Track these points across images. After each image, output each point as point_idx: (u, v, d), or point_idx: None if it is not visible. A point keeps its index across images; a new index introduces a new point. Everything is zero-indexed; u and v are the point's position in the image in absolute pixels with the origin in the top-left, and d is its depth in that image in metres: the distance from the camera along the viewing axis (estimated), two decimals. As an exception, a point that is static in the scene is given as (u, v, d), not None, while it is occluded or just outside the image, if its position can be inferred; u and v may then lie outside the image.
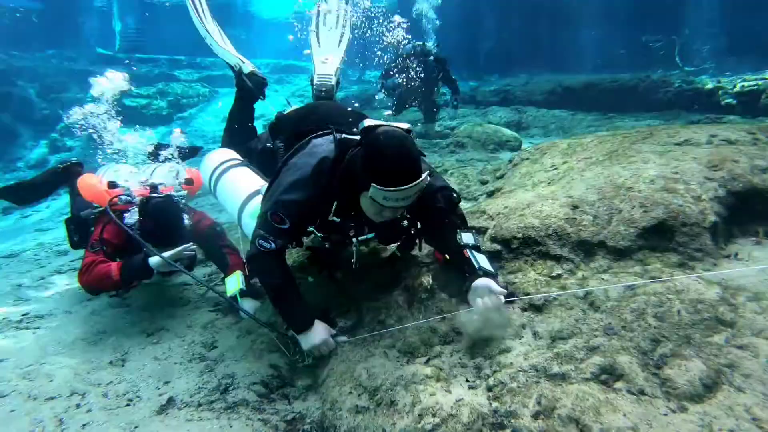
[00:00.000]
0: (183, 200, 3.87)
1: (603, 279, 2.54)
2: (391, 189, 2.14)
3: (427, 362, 2.37)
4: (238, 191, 3.25)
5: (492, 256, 2.93)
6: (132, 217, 3.59)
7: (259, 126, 4.67)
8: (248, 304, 3.59)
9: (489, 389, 2.08)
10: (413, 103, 9.40)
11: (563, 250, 2.79)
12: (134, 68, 18.43)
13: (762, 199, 2.93)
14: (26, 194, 5.08)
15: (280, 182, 2.55)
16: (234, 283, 3.75)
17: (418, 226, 2.82)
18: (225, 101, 18.67)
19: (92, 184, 3.94)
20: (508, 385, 2.03)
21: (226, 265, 4.04)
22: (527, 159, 4.26)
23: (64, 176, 4.75)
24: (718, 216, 2.79)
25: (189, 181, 4.08)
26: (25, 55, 17.31)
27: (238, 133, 4.18)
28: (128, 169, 4.17)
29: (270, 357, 2.93)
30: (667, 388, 1.86)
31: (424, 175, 2.19)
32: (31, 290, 4.94)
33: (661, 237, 2.71)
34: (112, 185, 3.60)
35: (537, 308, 2.48)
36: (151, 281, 4.74)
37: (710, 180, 2.92)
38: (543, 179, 3.63)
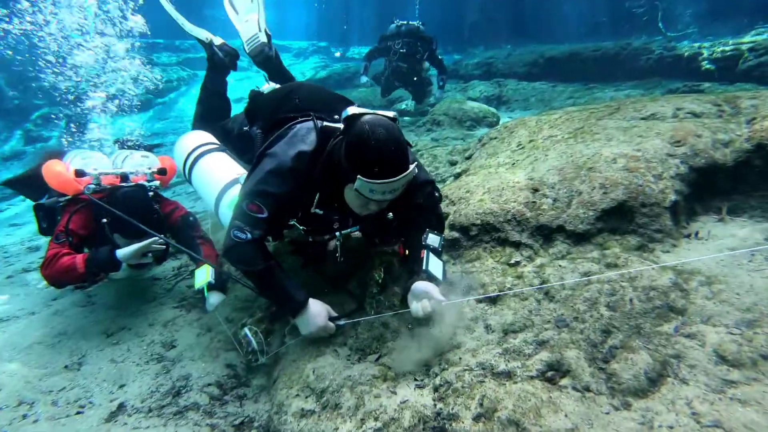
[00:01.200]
0: (155, 190, 3.68)
1: (560, 266, 2.46)
2: (378, 181, 2.00)
3: (378, 360, 2.30)
4: (216, 180, 3.05)
5: (451, 243, 2.86)
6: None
7: (238, 109, 4.47)
8: (214, 298, 3.52)
9: (435, 389, 2.01)
10: (399, 85, 9.17)
11: (522, 236, 2.71)
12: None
13: (724, 175, 2.85)
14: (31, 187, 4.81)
15: (258, 172, 2.41)
16: (203, 275, 3.66)
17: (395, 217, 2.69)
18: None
19: (58, 171, 3.68)
20: (453, 384, 1.96)
21: (199, 256, 3.94)
22: (495, 138, 4.14)
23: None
24: (679, 194, 2.71)
25: (162, 171, 3.81)
26: (-9, 42, 16.71)
27: (210, 106, 3.98)
28: (98, 156, 3.95)
29: (227, 356, 2.86)
30: (613, 383, 1.80)
31: (412, 167, 2.07)
32: (-3, 290, 4.82)
33: (621, 218, 2.63)
34: (79, 173, 3.37)
35: (491, 300, 2.40)
36: (121, 275, 4.66)
37: (672, 157, 2.82)
38: (507, 161, 3.52)
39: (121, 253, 3.20)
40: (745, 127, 2.96)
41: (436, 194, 2.62)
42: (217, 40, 4.05)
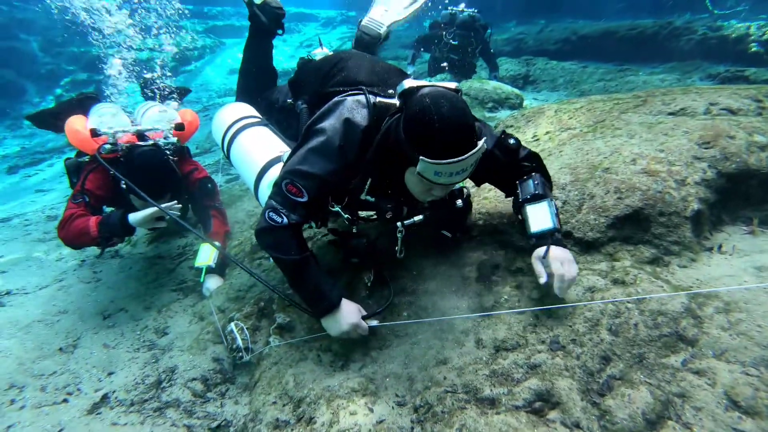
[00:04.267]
0: (174, 147, 3.54)
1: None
2: (445, 162, 1.76)
3: (361, 368, 2.18)
4: (256, 157, 2.73)
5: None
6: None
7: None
8: (211, 282, 3.45)
9: (415, 409, 1.88)
10: (447, 70, 8.66)
11: (526, 241, 2.51)
12: (138, 21, 17.90)
13: (759, 182, 2.58)
14: (46, 120, 4.76)
15: (302, 149, 2.17)
16: (206, 255, 3.60)
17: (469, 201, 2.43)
18: (231, 54, 18.20)
19: (77, 130, 3.56)
20: (434, 408, 1.82)
21: (208, 228, 3.86)
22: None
23: (77, 106, 4.24)
24: (703, 203, 2.46)
25: (180, 126, 3.63)
26: (27, 6, 16.85)
27: (252, 78, 3.57)
28: (114, 112, 3.73)
29: (215, 349, 2.78)
30: (606, 422, 1.63)
31: (481, 142, 1.81)
32: (10, 259, 4.89)
33: (635, 227, 2.41)
34: (94, 133, 3.24)
35: (487, 310, 2.24)
36: (143, 235, 4.63)
37: (699, 160, 2.57)
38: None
39: (133, 217, 3.11)
40: (786, 128, 2.67)
41: (512, 141, 2.25)
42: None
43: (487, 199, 2.79)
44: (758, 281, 2.05)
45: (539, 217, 2.17)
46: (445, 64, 8.38)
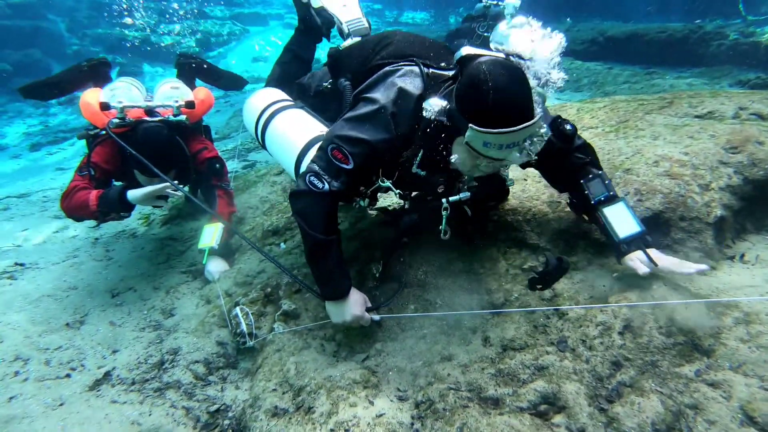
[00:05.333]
0: (183, 125, 3.46)
1: (576, 280, 2.20)
2: (495, 131, 1.65)
3: (364, 360, 2.14)
4: (295, 138, 2.51)
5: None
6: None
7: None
8: (214, 265, 3.42)
9: (417, 405, 1.84)
10: None
11: (541, 240, 2.45)
12: (165, 2, 17.98)
13: (787, 191, 2.48)
14: (49, 90, 4.70)
15: (350, 115, 2.07)
16: (209, 236, 3.56)
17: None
18: (256, 41, 18.22)
19: (88, 103, 3.50)
20: (435, 404, 1.78)
21: (213, 207, 3.82)
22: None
23: (89, 74, 4.29)
24: (727, 209, 2.37)
25: (190, 104, 3.50)
26: (55, -14, 17.00)
27: (290, 71, 3.43)
28: (128, 86, 3.64)
29: (220, 333, 2.76)
30: (613, 430, 1.57)
31: (536, 118, 1.70)
32: (27, 235, 4.95)
33: (654, 230, 2.31)
34: (104, 106, 3.20)
35: (496, 307, 2.18)
36: (159, 215, 4.63)
37: (725, 165, 2.47)
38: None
39: (131, 194, 3.08)
40: (819, 136, 2.56)
41: (568, 127, 2.13)
42: (316, 2, 3.47)
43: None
44: (782, 293, 1.97)
45: (622, 220, 2.07)
46: None
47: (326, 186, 1.99)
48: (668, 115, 3.08)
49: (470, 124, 1.69)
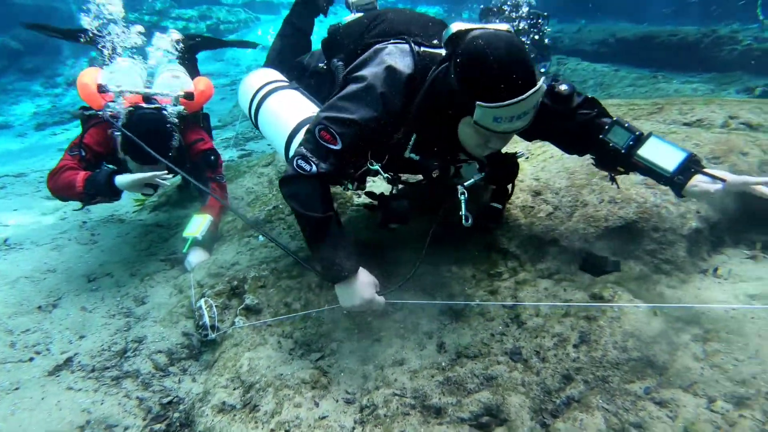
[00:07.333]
0: (180, 115, 3.40)
1: (540, 288, 2.14)
2: (506, 104, 1.59)
3: (319, 360, 2.10)
4: (286, 118, 2.47)
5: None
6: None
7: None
8: (195, 256, 3.40)
9: (361, 409, 1.80)
10: None
11: (511, 244, 2.40)
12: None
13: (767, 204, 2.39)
14: (54, 32, 4.64)
15: (339, 95, 2.01)
16: (195, 226, 3.53)
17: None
18: (265, 29, 18.18)
19: (86, 83, 3.45)
20: (378, 409, 1.74)
21: (205, 200, 3.81)
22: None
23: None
24: (704, 221, 2.30)
25: (189, 96, 3.47)
26: (70, -33, 17.03)
27: (291, 43, 3.37)
28: (128, 69, 3.59)
29: (187, 323, 2.74)
30: (551, 446, 1.52)
31: (541, 81, 1.64)
32: (16, 215, 4.97)
33: (626, 240, 2.26)
34: (102, 89, 3.15)
35: (456, 313, 2.14)
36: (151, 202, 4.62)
37: (705, 176, 2.39)
38: (524, 152, 3.14)
39: (120, 179, 3.04)
40: (806, 149, 2.47)
41: (563, 87, 2.03)
42: None
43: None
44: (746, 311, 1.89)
45: (663, 154, 1.95)
46: None
47: (314, 168, 1.92)
48: (656, 121, 3.00)
49: (478, 102, 1.62)
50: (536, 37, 7.64)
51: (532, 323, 1.96)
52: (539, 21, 7.53)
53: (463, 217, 2.03)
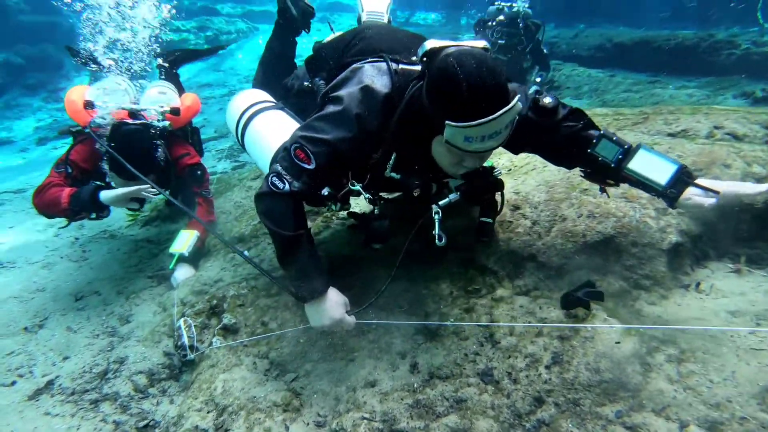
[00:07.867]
0: (166, 131, 3.48)
1: (516, 306, 2.11)
2: (474, 123, 1.55)
3: (293, 381, 2.08)
4: (271, 139, 2.46)
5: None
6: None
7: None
8: (181, 272, 3.39)
9: (330, 433, 1.77)
10: None
11: (489, 260, 2.37)
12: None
13: (751, 217, 2.36)
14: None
15: (316, 116, 2.01)
16: (182, 242, 3.53)
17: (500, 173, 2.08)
18: (265, 38, 18.29)
19: (73, 100, 3.49)
20: (346, 434, 1.71)
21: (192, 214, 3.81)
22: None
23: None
24: (685, 235, 2.27)
25: (175, 111, 3.52)
26: (72, -17, 17.22)
27: (275, 68, 3.36)
28: (115, 86, 3.58)
29: (168, 343, 2.73)
30: (517, 473, 1.49)
31: (515, 101, 1.59)
32: (11, 233, 4.99)
33: (605, 256, 2.23)
34: (88, 105, 3.19)
35: (431, 332, 2.11)
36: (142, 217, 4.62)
37: (686, 188, 2.36)
38: (507, 164, 3.12)
39: (105, 195, 3.05)
40: (790, 160, 2.43)
41: (548, 101, 1.98)
42: None
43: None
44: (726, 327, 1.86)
45: (653, 166, 1.91)
46: None
47: (287, 186, 1.91)
48: (640, 132, 2.97)
49: (447, 121, 1.59)
50: (533, 47, 7.62)
51: (505, 342, 1.93)
52: (533, 28, 7.51)
53: (437, 237, 1.99)
